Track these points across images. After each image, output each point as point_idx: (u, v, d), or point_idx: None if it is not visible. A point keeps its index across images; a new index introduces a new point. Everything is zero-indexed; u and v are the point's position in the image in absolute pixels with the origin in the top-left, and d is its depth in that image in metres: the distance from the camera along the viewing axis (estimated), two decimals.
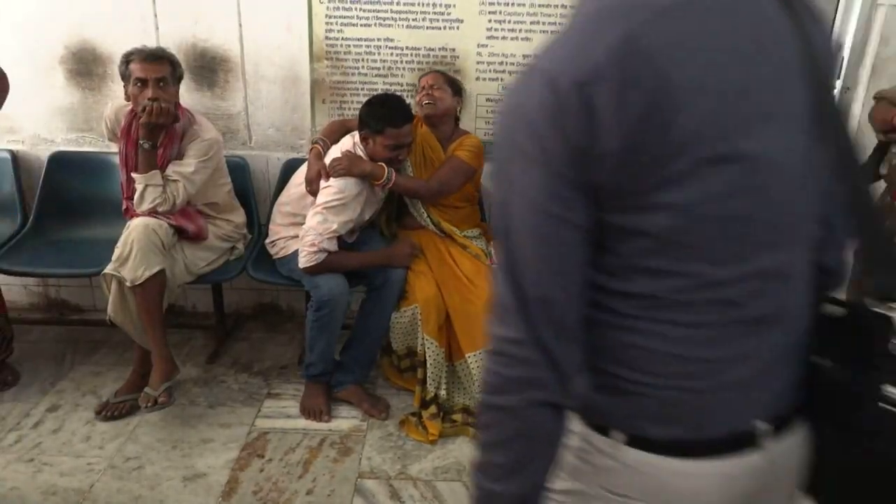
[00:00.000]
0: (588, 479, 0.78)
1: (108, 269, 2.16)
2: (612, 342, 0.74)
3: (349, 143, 2.29)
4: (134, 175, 2.21)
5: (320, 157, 2.29)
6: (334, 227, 2.17)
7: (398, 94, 2.45)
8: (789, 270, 0.74)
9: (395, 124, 2.20)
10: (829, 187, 0.75)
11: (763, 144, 0.68)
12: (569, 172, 0.66)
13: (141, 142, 2.18)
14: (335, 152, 2.27)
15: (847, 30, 2.77)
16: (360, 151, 2.26)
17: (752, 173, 0.68)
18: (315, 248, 2.17)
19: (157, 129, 2.19)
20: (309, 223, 2.20)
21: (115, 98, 2.49)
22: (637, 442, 0.74)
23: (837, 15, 2.78)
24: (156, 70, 2.18)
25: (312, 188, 2.26)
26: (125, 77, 2.22)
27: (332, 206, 2.16)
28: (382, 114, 2.21)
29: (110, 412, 2.26)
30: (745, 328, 0.72)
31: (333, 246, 2.21)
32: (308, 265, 2.19)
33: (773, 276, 0.72)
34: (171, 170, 2.24)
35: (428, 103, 2.36)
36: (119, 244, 2.17)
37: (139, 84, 2.17)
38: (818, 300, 0.79)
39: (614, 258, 0.71)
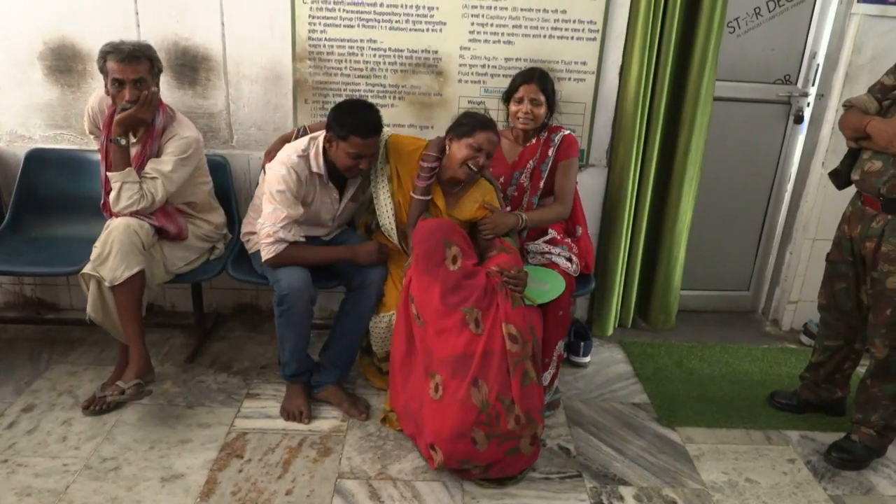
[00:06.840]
0: None
1: (87, 269, 2.14)
2: None
3: (304, 141, 2.24)
4: (109, 174, 2.19)
5: (285, 140, 2.35)
6: (284, 213, 2.16)
7: (371, 102, 2.28)
8: None
9: (361, 135, 2.13)
10: None
11: None
12: None
13: (113, 139, 2.16)
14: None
15: (821, 38, 2.84)
16: (314, 151, 2.22)
17: None
18: (272, 239, 2.17)
19: (136, 124, 2.18)
20: (262, 216, 2.20)
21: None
22: None
23: (812, 23, 2.84)
24: (134, 71, 2.15)
25: (266, 159, 2.34)
26: (103, 71, 2.20)
27: (275, 192, 2.16)
28: (350, 122, 2.13)
29: (98, 406, 2.25)
30: None
31: (290, 235, 2.19)
32: (269, 256, 2.18)
33: None
34: (150, 167, 2.23)
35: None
36: (98, 243, 2.16)
37: (116, 84, 2.16)
38: None
39: None
